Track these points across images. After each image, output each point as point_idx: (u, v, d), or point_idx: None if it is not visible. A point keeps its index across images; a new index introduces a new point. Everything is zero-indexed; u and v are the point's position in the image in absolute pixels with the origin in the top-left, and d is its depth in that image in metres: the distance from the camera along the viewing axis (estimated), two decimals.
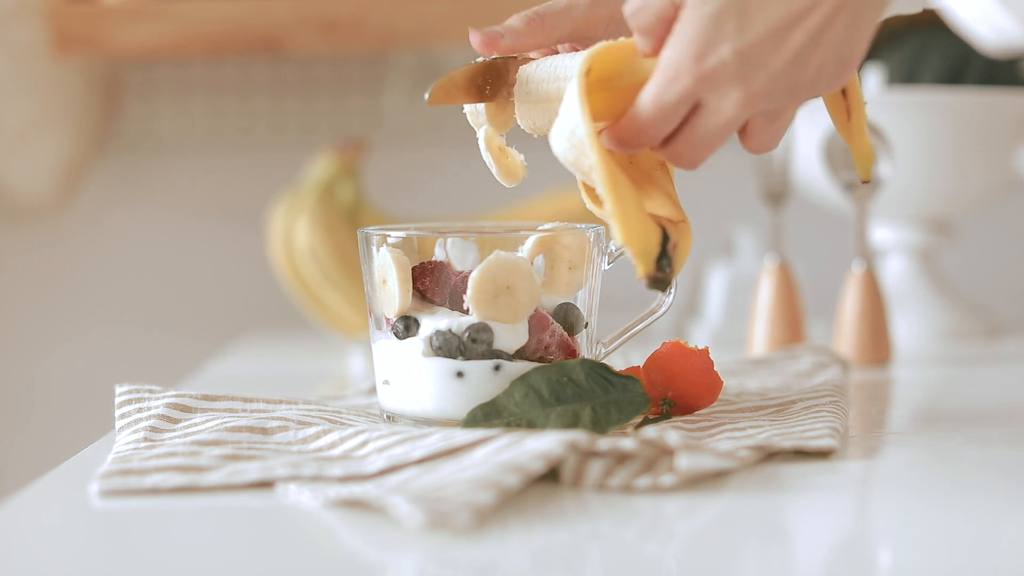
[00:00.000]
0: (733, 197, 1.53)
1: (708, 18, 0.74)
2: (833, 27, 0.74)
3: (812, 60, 0.74)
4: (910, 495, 0.74)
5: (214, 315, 1.59)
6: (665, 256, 0.77)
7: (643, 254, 0.76)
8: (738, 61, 0.74)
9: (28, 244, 1.59)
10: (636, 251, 0.75)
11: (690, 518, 0.69)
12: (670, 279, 0.77)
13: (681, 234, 0.78)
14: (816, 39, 0.74)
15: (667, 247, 0.77)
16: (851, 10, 0.73)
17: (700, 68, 0.74)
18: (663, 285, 0.76)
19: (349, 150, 1.39)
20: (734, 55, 0.74)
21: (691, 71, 0.74)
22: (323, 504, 0.70)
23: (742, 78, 0.74)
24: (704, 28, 0.74)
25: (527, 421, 0.79)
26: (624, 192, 0.77)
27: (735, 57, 0.74)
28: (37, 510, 0.72)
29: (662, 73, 0.75)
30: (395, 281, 0.83)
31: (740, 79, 0.74)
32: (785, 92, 0.75)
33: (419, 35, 1.41)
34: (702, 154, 0.78)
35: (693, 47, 0.74)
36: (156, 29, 1.41)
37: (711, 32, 0.74)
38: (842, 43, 0.74)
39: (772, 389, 0.94)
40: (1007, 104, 1.27)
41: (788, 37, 0.73)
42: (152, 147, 1.58)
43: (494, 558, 0.63)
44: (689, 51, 0.74)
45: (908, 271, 1.34)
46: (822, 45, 0.74)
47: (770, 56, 0.74)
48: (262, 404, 0.87)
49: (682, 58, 0.74)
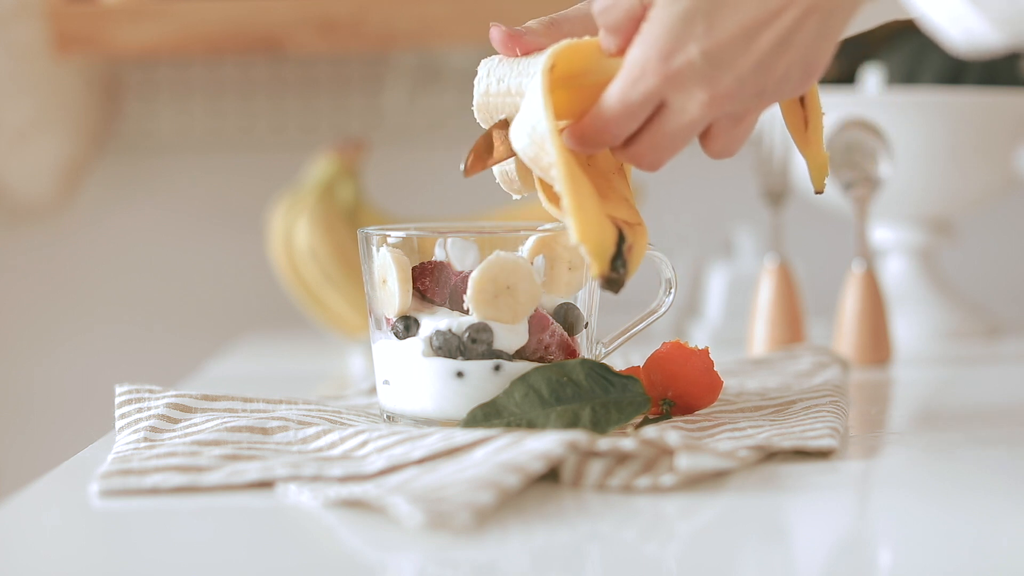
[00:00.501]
0: (733, 197, 1.53)
1: (676, 17, 0.73)
2: (802, 31, 0.73)
3: (779, 63, 0.74)
4: (910, 495, 0.74)
5: (214, 315, 1.59)
6: (620, 257, 0.76)
7: (598, 253, 0.75)
8: (705, 61, 0.73)
9: (28, 244, 1.59)
10: (591, 249, 0.75)
11: (690, 518, 0.69)
12: (624, 280, 0.76)
13: (637, 236, 0.78)
14: (785, 42, 0.73)
15: (623, 248, 0.76)
16: (820, 15, 0.73)
17: (666, 68, 0.74)
18: (616, 286, 0.76)
19: (349, 150, 1.39)
20: (701, 55, 0.73)
21: (657, 70, 0.74)
22: (323, 504, 0.70)
23: (708, 79, 0.74)
24: (672, 27, 0.73)
25: (527, 421, 0.79)
26: (582, 190, 0.76)
27: (702, 57, 0.73)
28: (37, 510, 0.72)
29: (627, 72, 0.75)
30: (395, 281, 0.83)
31: (706, 80, 0.74)
32: (751, 95, 0.74)
33: (419, 35, 1.41)
34: (664, 156, 0.77)
35: (660, 46, 0.73)
36: (156, 29, 1.41)
37: (679, 31, 0.73)
38: (809, 48, 0.74)
39: (772, 389, 0.94)
40: (1007, 104, 1.27)
41: (757, 39, 0.73)
42: (152, 147, 1.58)
43: (494, 558, 0.63)
44: (656, 50, 0.74)
45: (908, 271, 1.34)
46: (791, 49, 0.73)
47: (738, 58, 0.73)
48: (262, 404, 0.87)
49: (648, 57, 0.74)
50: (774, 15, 0.73)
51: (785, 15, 0.73)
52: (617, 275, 0.76)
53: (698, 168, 1.26)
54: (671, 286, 0.87)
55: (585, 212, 0.75)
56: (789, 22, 0.73)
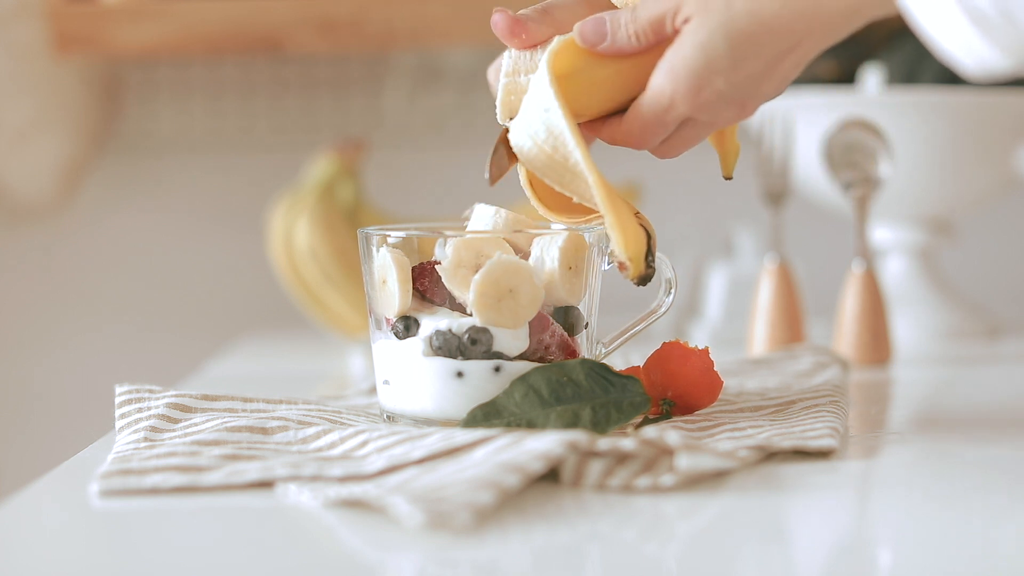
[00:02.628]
0: (733, 197, 1.53)
1: (703, 60, 0.77)
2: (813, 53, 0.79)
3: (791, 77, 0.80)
4: (910, 495, 0.74)
5: (214, 315, 1.59)
6: (650, 253, 0.80)
7: (638, 258, 0.77)
8: (732, 90, 0.78)
9: (28, 244, 1.59)
10: (633, 257, 0.77)
11: (690, 518, 0.69)
12: (655, 271, 0.80)
13: (648, 224, 0.80)
14: (800, 64, 0.79)
15: (651, 244, 0.79)
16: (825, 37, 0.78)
17: (696, 100, 0.78)
18: (649, 280, 0.80)
19: (349, 150, 1.39)
20: (728, 86, 0.78)
21: (687, 101, 0.79)
22: (323, 504, 0.70)
23: (736, 103, 0.79)
24: (698, 69, 0.78)
25: (527, 421, 0.79)
26: (616, 200, 0.78)
27: (729, 88, 0.78)
28: (37, 510, 0.72)
29: (656, 98, 0.79)
30: (395, 281, 0.83)
31: (734, 103, 0.79)
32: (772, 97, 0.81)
33: (419, 35, 1.41)
34: (683, 151, 0.83)
35: (690, 83, 0.78)
36: (156, 29, 1.41)
37: (705, 72, 0.78)
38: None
39: (772, 389, 0.94)
40: (1007, 104, 1.27)
41: (779, 67, 0.78)
42: (152, 147, 1.58)
43: (494, 558, 0.63)
44: (686, 86, 0.78)
45: (908, 271, 1.34)
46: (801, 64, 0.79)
47: (761, 85, 0.79)
48: (262, 404, 0.87)
49: (677, 90, 0.78)
50: (792, 49, 0.78)
51: (800, 49, 0.78)
52: (651, 269, 0.80)
53: (698, 168, 1.26)
54: (671, 286, 0.87)
55: (624, 224, 0.78)
56: (805, 51, 0.78)
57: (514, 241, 0.83)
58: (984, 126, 1.27)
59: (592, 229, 0.85)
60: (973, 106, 1.27)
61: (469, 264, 0.81)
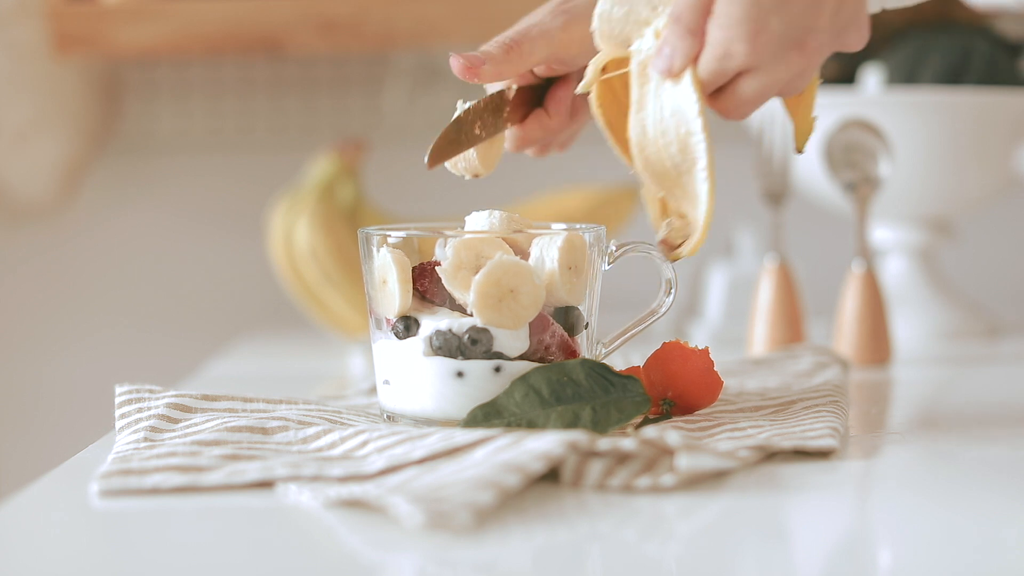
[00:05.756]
0: (733, 197, 1.52)
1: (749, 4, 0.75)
2: None
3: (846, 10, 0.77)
4: (910, 495, 0.74)
5: (214, 315, 1.59)
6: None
7: (697, 246, 0.80)
8: (788, 28, 0.76)
9: (28, 244, 1.59)
10: (704, 234, 0.78)
11: (690, 518, 0.69)
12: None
13: None
14: None
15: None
16: None
17: (755, 45, 0.76)
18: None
19: (349, 150, 1.39)
20: (783, 24, 0.75)
21: (745, 51, 0.76)
22: (323, 504, 0.70)
23: (796, 44, 0.76)
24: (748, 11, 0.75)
25: (527, 421, 0.79)
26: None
27: (784, 25, 0.75)
28: (37, 510, 0.72)
29: (714, 50, 0.76)
30: (395, 281, 0.83)
31: (795, 45, 0.76)
32: (834, 40, 0.78)
33: (419, 35, 1.41)
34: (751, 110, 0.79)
35: (744, 28, 0.75)
36: (156, 29, 1.41)
37: (754, 7, 0.75)
38: None
39: (772, 389, 0.94)
40: (1007, 104, 1.27)
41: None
42: (152, 147, 1.58)
43: (494, 558, 0.63)
44: (741, 31, 0.75)
45: (908, 271, 1.34)
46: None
47: (818, 17, 0.76)
48: (262, 404, 0.87)
49: (731, 38, 0.75)
50: None
51: None
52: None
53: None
54: (671, 286, 0.87)
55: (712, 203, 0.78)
56: None
57: (514, 241, 0.83)
58: (984, 126, 1.27)
59: (592, 229, 0.85)
60: (973, 106, 1.27)
61: (469, 265, 0.81)
